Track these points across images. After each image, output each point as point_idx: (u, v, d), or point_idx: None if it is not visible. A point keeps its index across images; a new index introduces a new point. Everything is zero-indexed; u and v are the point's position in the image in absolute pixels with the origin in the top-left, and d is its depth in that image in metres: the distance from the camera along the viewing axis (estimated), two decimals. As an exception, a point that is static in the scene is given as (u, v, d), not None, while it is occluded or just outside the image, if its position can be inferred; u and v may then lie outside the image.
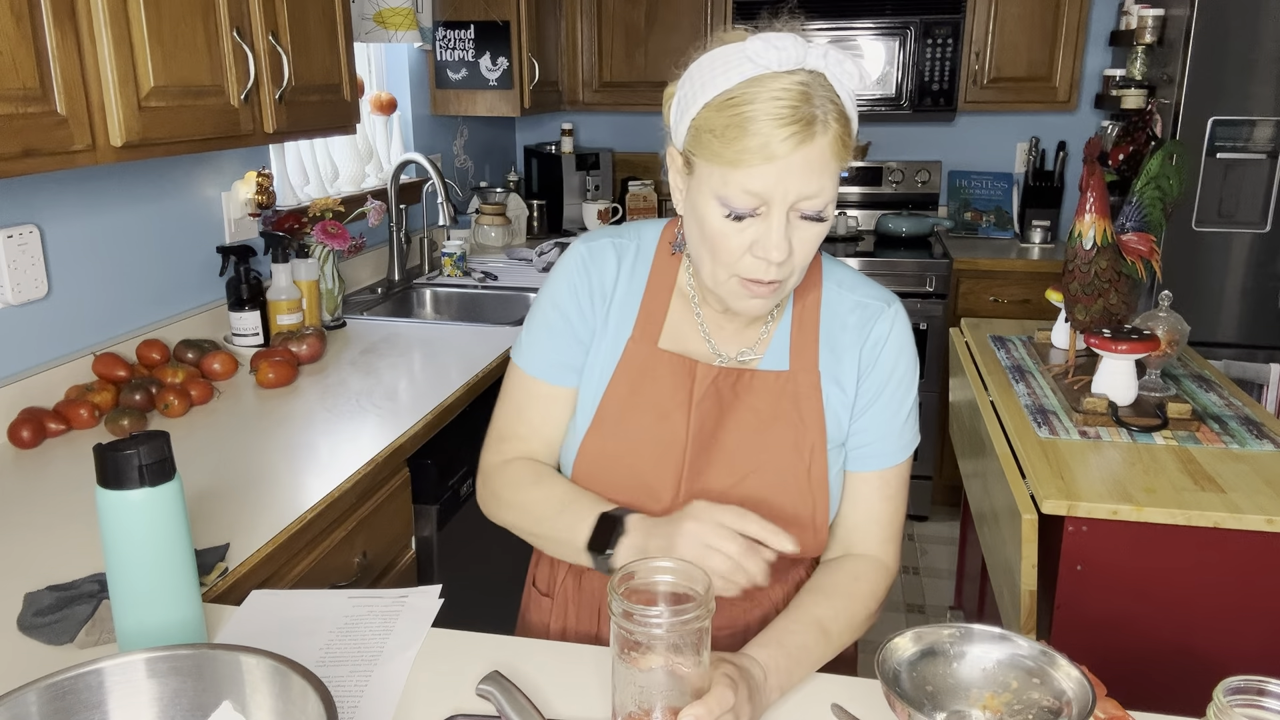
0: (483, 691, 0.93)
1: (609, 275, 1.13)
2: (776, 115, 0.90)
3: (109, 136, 1.43)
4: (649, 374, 1.11)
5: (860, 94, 3.74)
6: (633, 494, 1.10)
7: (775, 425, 1.08)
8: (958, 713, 0.90)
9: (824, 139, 0.92)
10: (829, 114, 0.92)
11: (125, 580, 0.95)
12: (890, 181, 3.88)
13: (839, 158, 0.94)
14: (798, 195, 0.93)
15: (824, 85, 0.93)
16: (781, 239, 0.95)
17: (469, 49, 3.24)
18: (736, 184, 0.93)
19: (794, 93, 0.91)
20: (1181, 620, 1.52)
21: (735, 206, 0.94)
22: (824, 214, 0.96)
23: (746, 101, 0.91)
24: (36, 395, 1.72)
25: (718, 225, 0.96)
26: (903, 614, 2.98)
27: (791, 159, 0.91)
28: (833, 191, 0.96)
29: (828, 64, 0.93)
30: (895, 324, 1.11)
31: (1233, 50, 2.75)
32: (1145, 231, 1.92)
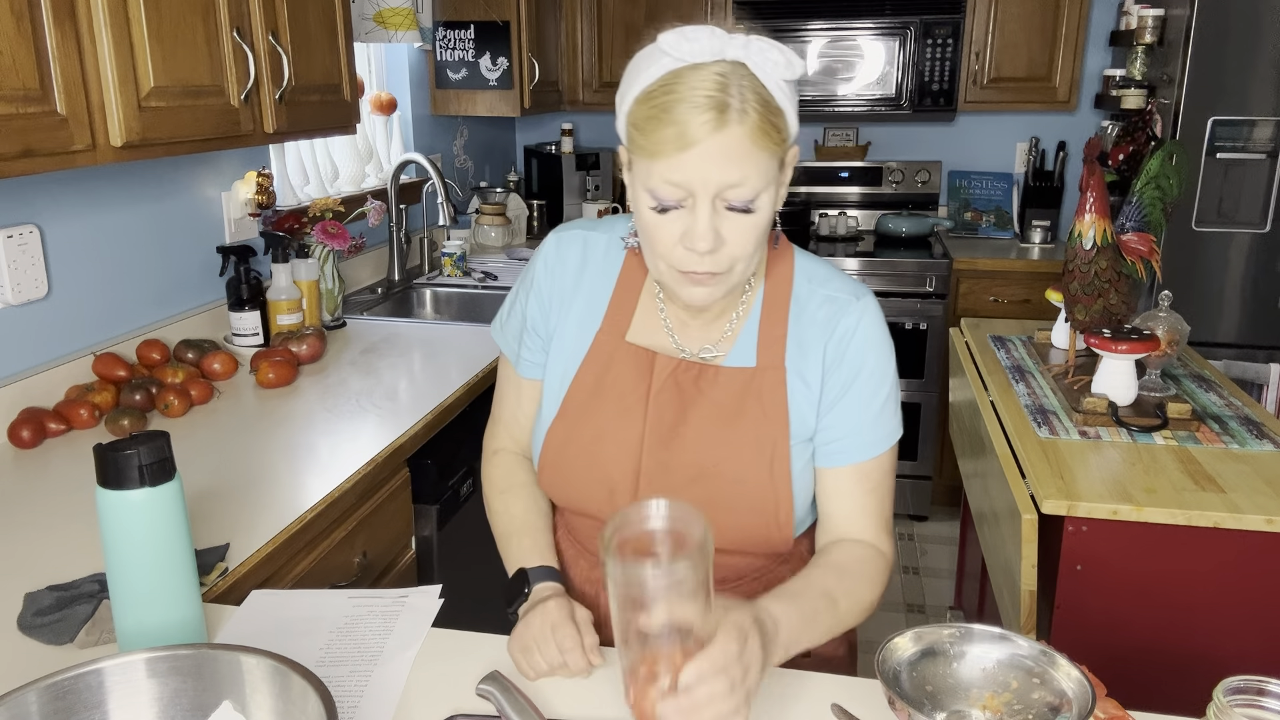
0: (483, 691, 0.93)
1: (571, 265, 1.15)
2: (691, 103, 0.91)
3: (109, 136, 1.43)
4: (613, 366, 1.12)
5: (860, 94, 3.69)
6: (594, 486, 1.11)
7: (738, 421, 1.08)
8: (958, 713, 0.90)
9: (742, 126, 0.91)
10: (748, 102, 0.91)
11: (125, 580, 0.95)
12: (890, 181, 3.88)
13: (764, 147, 0.93)
14: (719, 184, 0.93)
15: (745, 75, 0.93)
16: (706, 229, 0.94)
17: (469, 49, 3.24)
18: (659, 175, 0.94)
19: (709, 82, 0.91)
20: (1181, 620, 1.52)
21: (660, 198, 0.95)
22: (753, 205, 0.95)
23: (664, 93, 0.92)
24: (36, 395, 1.72)
25: (649, 218, 0.97)
26: (903, 614, 2.98)
27: (708, 146, 0.91)
28: (760, 181, 0.94)
29: (749, 54, 0.93)
30: (863, 318, 1.09)
31: (1233, 50, 2.75)
32: (1145, 231, 1.92)
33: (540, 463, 1.15)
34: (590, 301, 1.15)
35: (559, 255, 1.16)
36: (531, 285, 1.18)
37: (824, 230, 3.73)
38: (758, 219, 0.96)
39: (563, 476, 1.13)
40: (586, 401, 1.12)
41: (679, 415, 1.09)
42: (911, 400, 3.42)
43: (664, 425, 1.09)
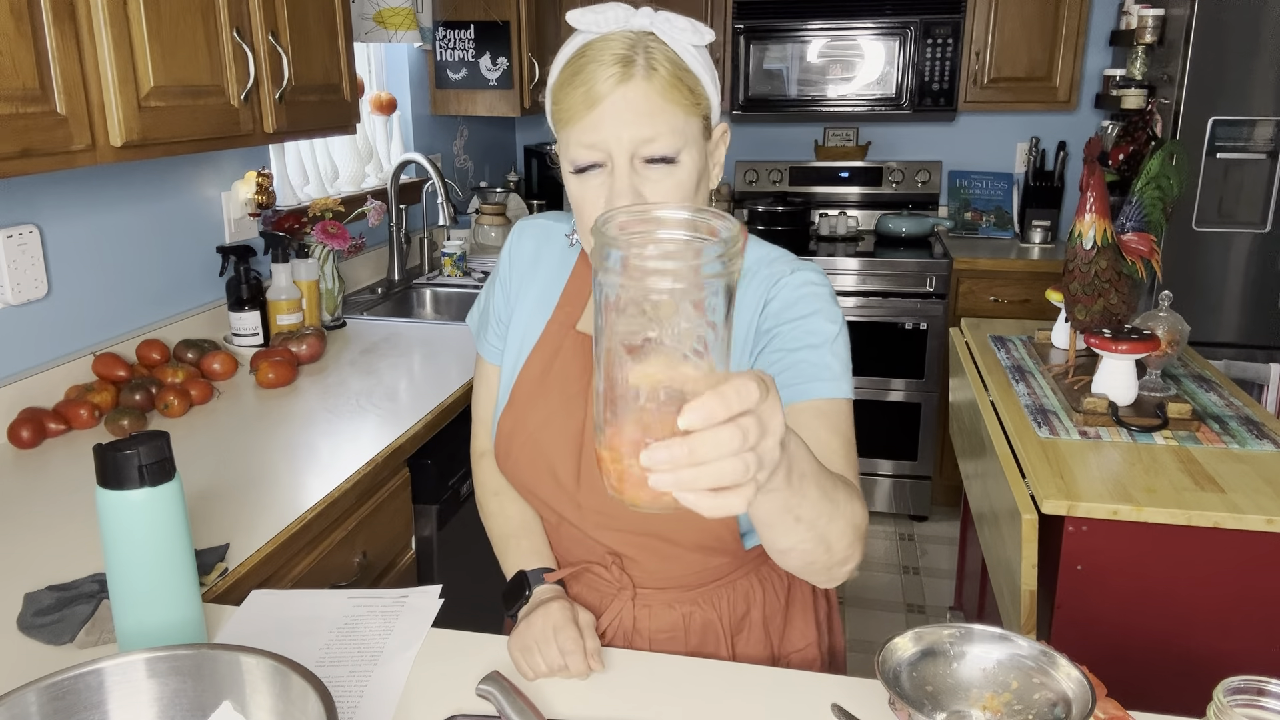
0: (483, 692, 0.93)
1: (530, 251, 1.18)
2: (598, 62, 0.93)
3: (109, 136, 1.43)
4: (560, 356, 1.12)
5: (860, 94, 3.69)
6: (540, 476, 1.11)
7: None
8: (958, 713, 0.90)
9: (649, 82, 0.93)
10: (655, 59, 0.93)
11: (125, 580, 0.95)
12: (890, 181, 3.88)
13: (676, 102, 0.94)
14: (633, 139, 0.93)
15: (653, 40, 0.95)
16: (625, 187, 0.94)
17: (469, 49, 3.24)
18: (574, 139, 0.95)
19: (614, 44, 0.94)
20: (1182, 620, 1.52)
21: (578, 161, 0.96)
22: (674, 155, 0.95)
23: (576, 59, 0.95)
24: (36, 395, 1.72)
25: (573, 186, 0.98)
26: (903, 614, 2.98)
27: (615, 101, 0.92)
28: (677, 138, 0.94)
29: (655, 23, 0.95)
30: (800, 271, 1.05)
31: (1233, 50, 2.75)
32: (1145, 231, 1.92)
33: (495, 452, 1.16)
34: (544, 291, 1.16)
35: (519, 243, 1.19)
36: (496, 273, 1.21)
37: (824, 230, 3.73)
38: (680, 174, 0.96)
39: (512, 464, 1.14)
40: (533, 391, 1.12)
41: None
42: (911, 400, 3.42)
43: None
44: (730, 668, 1.03)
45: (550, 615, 1.03)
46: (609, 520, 1.09)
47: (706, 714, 0.96)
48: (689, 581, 1.12)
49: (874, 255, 3.44)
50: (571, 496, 1.10)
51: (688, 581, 1.12)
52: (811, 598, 1.20)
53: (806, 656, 1.19)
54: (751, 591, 1.15)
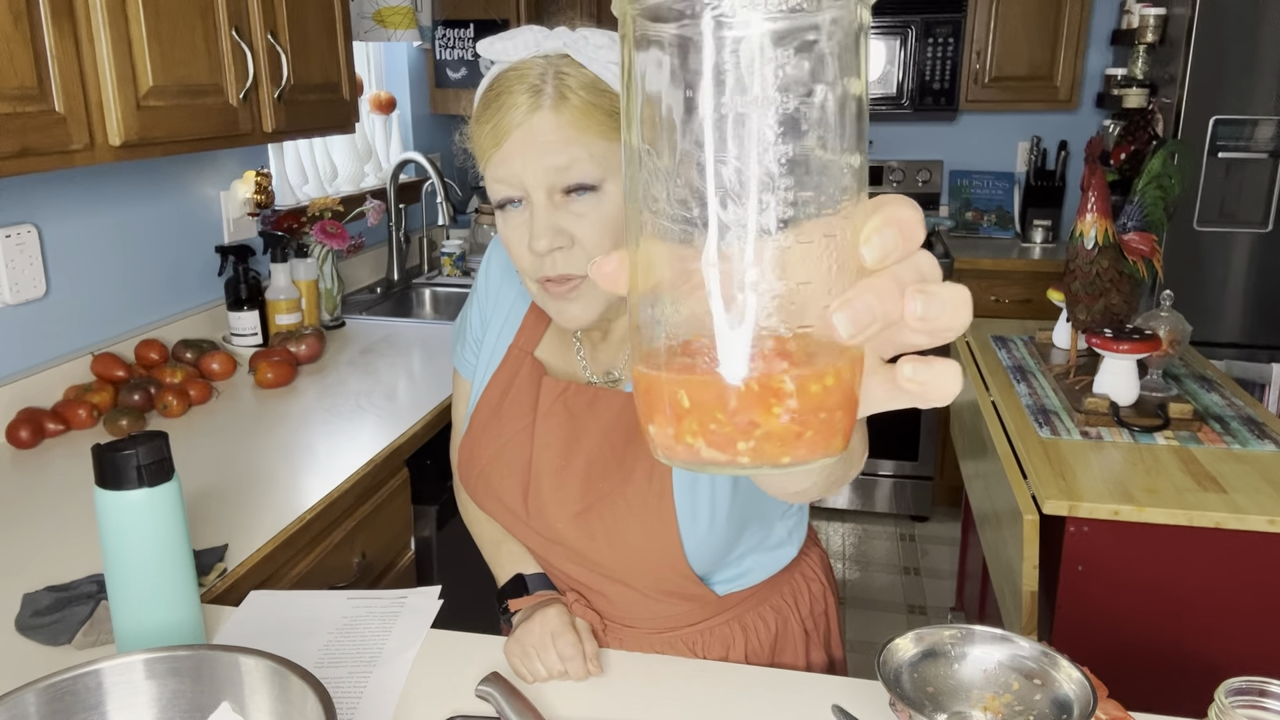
0: (482, 692, 0.93)
1: (496, 272, 1.14)
2: (508, 92, 0.89)
3: (107, 136, 1.43)
4: (515, 384, 1.08)
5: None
6: (492, 506, 1.09)
7: (628, 450, 1.00)
8: (959, 714, 0.90)
9: (558, 112, 0.87)
10: (568, 88, 0.88)
11: (124, 581, 0.95)
12: (891, 181, 3.87)
13: (593, 130, 0.88)
14: (547, 170, 0.88)
15: (566, 64, 0.89)
16: (544, 225, 0.89)
17: (468, 48, 3.23)
18: (490, 176, 0.92)
19: (523, 72, 0.89)
20: (1183, 621, 1.52)
21: (495, 196, 0.92)
22: (596, 183, 0.89)
23: (487, 92, 0.92)
24: (35, 395, 1.72)
25: (499, 226, 0.94)
26: (903, 615, 2.98)
27: (524, 133, 0.88)
28: (596, 166, 0.88)
29: (569, 42, 0.90)
30: None
31: (1234, 50, 2.75)
32: (1147, 231, 1.92)
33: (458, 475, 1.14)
34: (510, 312, 1.12)
35: (494, 258, 1.16)
36: (475, 289, 1.18)
37: (824, 230, 3.73)
38: (607, 203, 0.89)
39: (470, 492, 1.12)
40: (488, 419, 1.09)
41: (568, 443, 1.03)
42: (912, 400, 3.42)
43: (551, 452, 1.03)
44: (731, 669, 1.02)
45: (548, 621, 1.02)
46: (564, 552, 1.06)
47: (707, 715, 0.96)
48: (656, 625, 1.09)
49: (874, 255, 3.43)
50: (523, 530, 1.08)
51: (655, 625, 1.09)
52: (804, 642, 1.14)
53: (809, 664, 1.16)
54: (732, 639, 1.09)
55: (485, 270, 1.16)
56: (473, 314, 1.17)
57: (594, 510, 1.01)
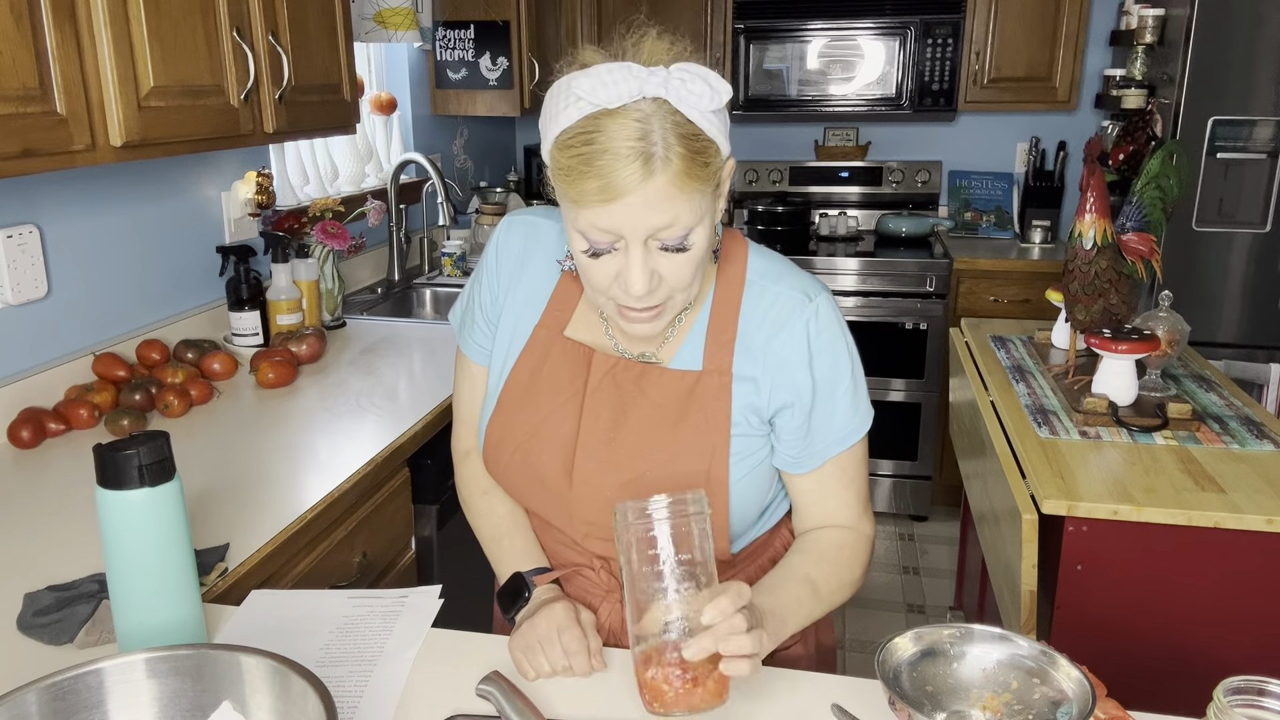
0: (483, 692, 0.93)
1: (514, 252, 1.14)
2: (614, 154, 0.87)
3: (109, 136, 1.43)
4: (549, 361, 1.10)
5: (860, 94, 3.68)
6: (529, 483, 1.11)
7: (678, 426, 1.05)
8: (958, 713, 0.90)
9: (665, 175, 0.88)
10: (670, 148, 0.88)
11: (125, 580, 0.95)
12: (890, 181, 3.88)
13: (692, 187, 0.90)
14: (649, 229, 0.91)
15: (667, 113, 0.89)
16: (640, 273, 0.93)
17: (469, 49, 3.24)
18: (586, 220, 0.91)
19: (629, 130, 0.88)
20: (1182, 620, 1.52)
21: (591, 242, 0.93)
22: (686, 242, 0.93)
23: (584, 142, 0.89)
24: (36, 395, 1.72)
25: (582, 261, 0.96)
26: (903, 614, 2.98)
27: (633, 198, 0.88)
28: (692, 217, 0.92)
29: (669, 89, 0.89)
30: (816, 318, 1.05)
31: (1233, 50, 2.75)
32: (1145, 231, 1.92)
33: (484, 458, 1.15)
34: (532, 292, 1.13)
35: (506, 239, 1.15)
36: (482, 269, 1.17)
37: (824, 230, 3.73)
38: (693, 254, 0.95)
39: (500, 471, 1.13)
40: (521, 397, 1.11)
41: (617, 415, 1.07)
42: (911, 400, 3.42)
43: (600, 424, 1.07)
44: (730, 668, 1.03)
45: (554, 616, 1.03)
46: (597, 530, 1.09)
47: (706, 714, 0.96)
48: None
49: (874, 255, 3.44)
50: (562, 505, 1.09)
51: None
52: None
53: (793, 654, 1.19)
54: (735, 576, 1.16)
55: (496, 250, 1.16)
56: (482, 293, 1.16)
57: (645, 479, 1.05)
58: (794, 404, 1.06)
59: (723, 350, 1.06)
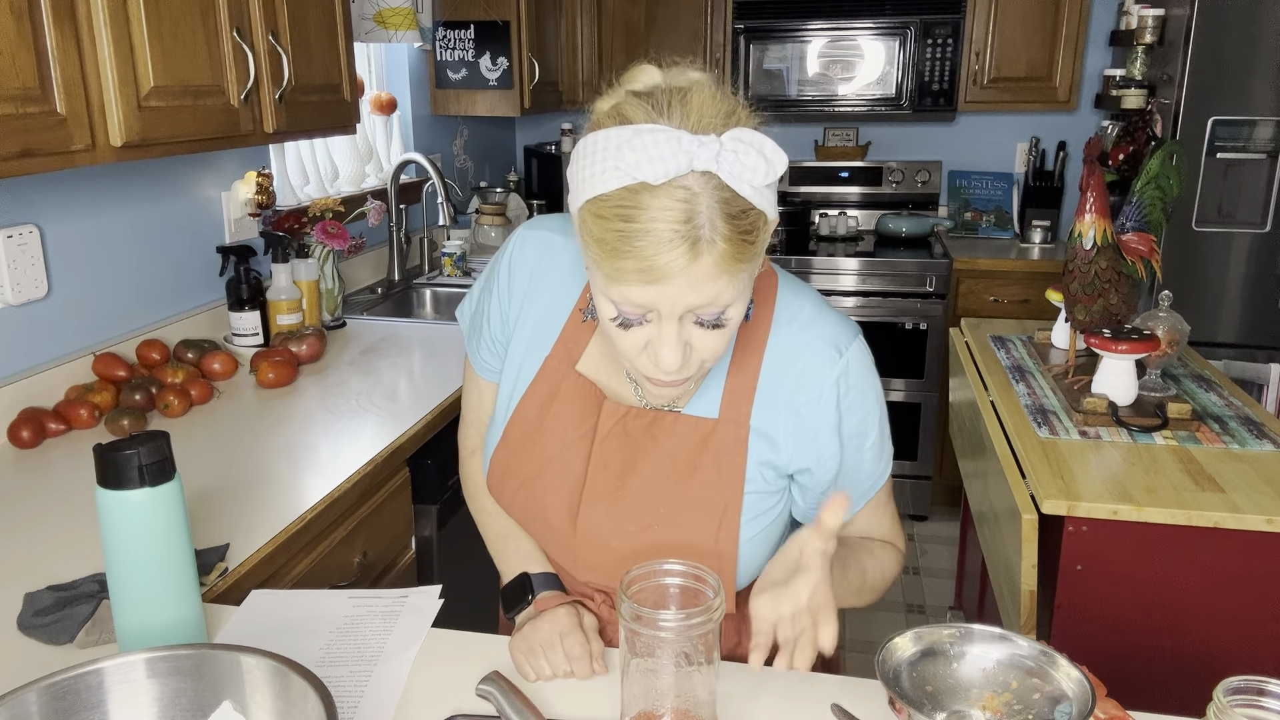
0: (483, 692, 0.93)
1: (527, 270, 1.08)
2: (655, 238, 0.79)
3: (109, 136, 1.43)
4: (559, 397, 1.05)
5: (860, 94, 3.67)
6: (534, 521, 1.09)
7: (690, 478, 1.01)
8: (958, 713, 0.90)
9: (710, 257, 0.81)
10: (717, 230, 0.80)
11: (125, 580, 0.95)
12: (890, 181, 3.88)
13: (733, 269, 0.83)
14: (688, 306, 0.84)
15: (715, 190, 0.80)
16: (673, 348, 0.87)
17: (469, 49, 3.24)
18: (620, 294, 0.84)
19: (674, 212, 0.79)
20: (1181, 620, 1.52)
21: (622, 313, 0.87)
22: (724, 318, 0.87)
23: (623, 219, 0.81)
24: (36, 395, 1.72)
25: (608, 326, 0.89)
26: (903, 614, 2.98)
27: (674, 280, 0.81)
28: (733, 294, 0.85)
29: (720, 164, 0.80)
30: (845, 378, 1.00)
31: (1233, 50, 2.75)
32: (1145, 231, 1.92)
33: (488, 483, 1.13)
34: (545, 317, 1.07)
35: (519, 256, 1.08)
36: (493, 285, 1.11)
37: (824, 230, 3.73)
38: (729, 329, 0.89)
39: (505, 503, 1.11)
40: (528, 433, 1.07)
41: (626, 464, 1.03)
42: (911, 400, 3.42)
43: (608, 473, 1.03)
44: (730, 667, 1.03)
45: (557, 620, 1.03)
46: (600, 575, 1.08)
47: None
48: None
49: (874, 255, 3.44)
50: (566, 547, 1.08)
51: None
52: None
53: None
54: (743, 624, 1.12)
55: (508, 269, 1.09)
56: (491, 312, 1.11)
57: (651, 532, 1.02)
58: (816, 469, 1.02)
59: (741, 399, 1.01)
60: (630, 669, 0.87)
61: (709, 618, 0.83)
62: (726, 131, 0.81)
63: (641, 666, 0.86)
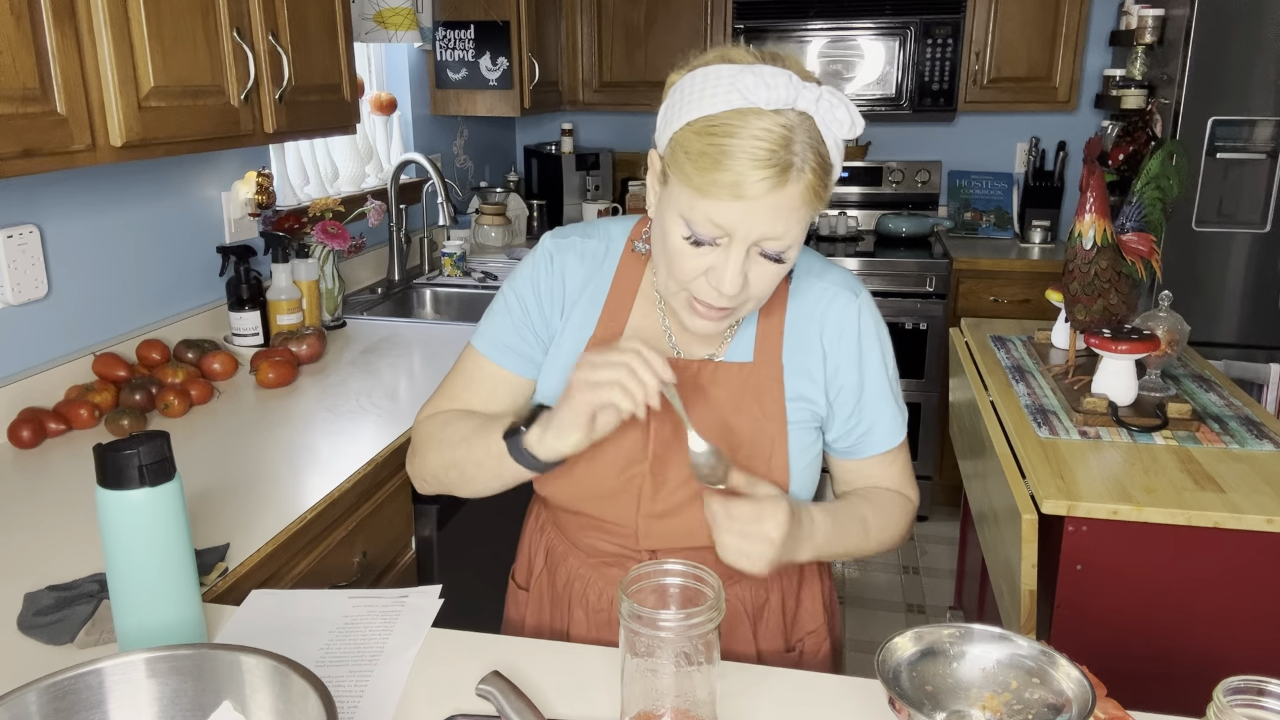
0: (483, 691, 0.93)
1: (571, 275, 1.14)
2: (753, 155, 0.88)
3: (109, 136, 1.43)
4: None
5: (860, 94, 3.68)
6: (589, 491, 1.11)
7: (736, 418, 1.09)
8: (957, 713, 0.90)
9: (797, 185, 0.90)
10: (807, 161, 0.90)
11: (125, 580, 0.95)
12: (890, 181, 3.88)
13: (809, 205, 0.93)
14: (761, 234, 0.93)
15: (810, 130, 0.91)
16: (737, 274, 0.94)
17: (469, 49, 3.24)
18: (702, 211, 0.92)
19: (775, 135, 0.89)
20: (1181, 620, 1.52)
21: (697, 232, 0.93)
22: (784, 255, 0.96)
23: (726, 134, 0.89)
24: (36, 395, 1.72)
25: (677, 244, 0.96)
26: (903, 614, 2.98)
27: (760, 202, 0.90)
28: (798, 235, 0.95)
29: (819, 109, 0.91)
30: (862, 312, 1.11)
31: (1233, 50, 2.75)
32: (1145, 231, 1.92)
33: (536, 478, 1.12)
34: (585, 311, 1.13)
35: (561, 262, 1.14)
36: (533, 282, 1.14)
37: (824, 230, 3.73)
38: (784, 268, 0.98)
39: (560, 490, 1.12)
40: None
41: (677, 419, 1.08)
42: (912, 400, 3.42)
43: (666, 429, 1.09)
44: (731, 667, 1.03)
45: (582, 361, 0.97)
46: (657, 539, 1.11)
47: (706, 714, 0.96)
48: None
49: (874, 255, 3.44)
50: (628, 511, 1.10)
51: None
52: (819, 583, 1.24)
53: (818, 638, 1.22)
54: (771, 579, 1.18)
55: (549, 268, 1.14)
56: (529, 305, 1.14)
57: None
58: (837, 401, 1.11)
59: (772, 341, 1.10)
60: (630, 669, 0.87)
61: (709, 618, 0.84)
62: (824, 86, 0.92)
63: (641, 666, 0.86)
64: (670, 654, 0.84)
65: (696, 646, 0.85)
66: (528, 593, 1.26)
